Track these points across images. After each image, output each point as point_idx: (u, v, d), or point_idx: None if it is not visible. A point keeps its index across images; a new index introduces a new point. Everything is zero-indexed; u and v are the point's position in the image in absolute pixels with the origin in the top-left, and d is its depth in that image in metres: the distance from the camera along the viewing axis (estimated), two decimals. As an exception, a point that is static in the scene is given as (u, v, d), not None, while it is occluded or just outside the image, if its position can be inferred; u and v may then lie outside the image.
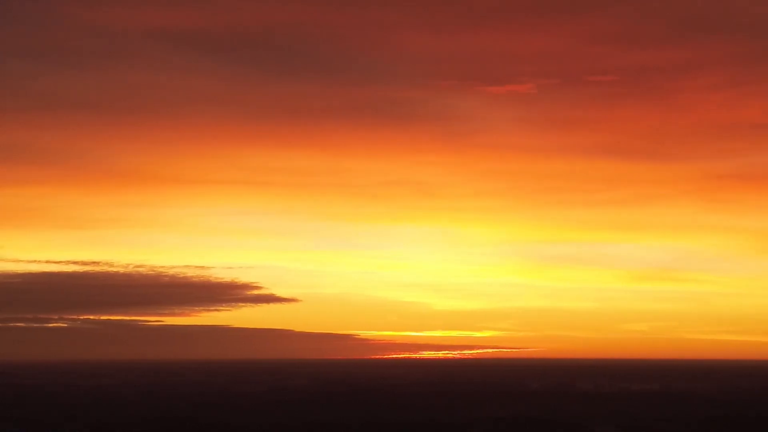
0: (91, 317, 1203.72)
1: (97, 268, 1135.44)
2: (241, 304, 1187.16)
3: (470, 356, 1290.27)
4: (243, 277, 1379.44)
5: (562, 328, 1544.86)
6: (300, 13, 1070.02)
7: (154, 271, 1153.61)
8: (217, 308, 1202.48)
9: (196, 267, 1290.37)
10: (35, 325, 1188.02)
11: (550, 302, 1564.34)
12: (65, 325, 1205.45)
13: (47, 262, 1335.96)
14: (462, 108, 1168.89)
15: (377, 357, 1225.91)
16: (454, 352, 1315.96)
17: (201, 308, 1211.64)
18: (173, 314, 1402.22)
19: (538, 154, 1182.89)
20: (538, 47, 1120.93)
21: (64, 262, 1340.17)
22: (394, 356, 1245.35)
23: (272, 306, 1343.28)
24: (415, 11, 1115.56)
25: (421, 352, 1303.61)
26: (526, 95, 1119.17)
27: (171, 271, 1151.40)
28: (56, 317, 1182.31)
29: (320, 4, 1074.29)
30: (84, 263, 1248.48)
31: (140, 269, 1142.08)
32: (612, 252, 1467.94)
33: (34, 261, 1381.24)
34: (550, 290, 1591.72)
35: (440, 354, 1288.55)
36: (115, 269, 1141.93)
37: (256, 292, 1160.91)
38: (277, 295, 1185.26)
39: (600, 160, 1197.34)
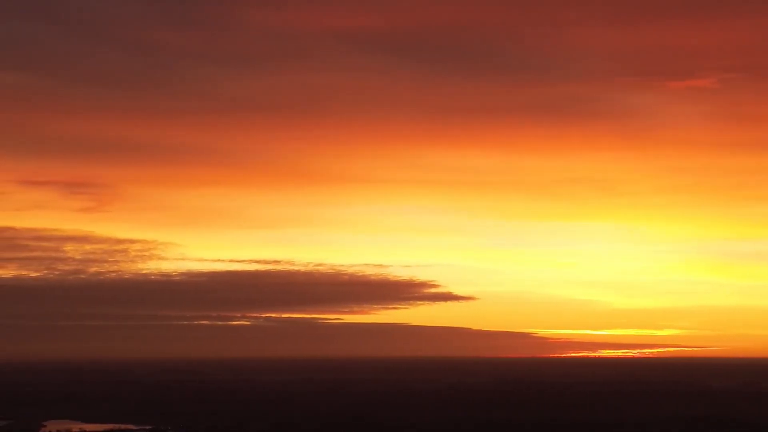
0: (273, 315, 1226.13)
1: (278, 267, 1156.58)
2: (418, 302, 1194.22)
3: (650, 355, 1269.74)
4: (421, 276, 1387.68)
5: (749, 326, 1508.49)
6: (479, 13, 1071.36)
7: (333, 269, 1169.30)
8: (395, 306, 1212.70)
9: (375, 265, 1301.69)
10: (219, 323, 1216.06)
11: (736, 300, 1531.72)
12: (248, 323, 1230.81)
13: (231, 261, 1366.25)
14: (642, 104, 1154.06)
15: (555, 356, 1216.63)
16: (634, 351, 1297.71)
17: (379, 306, 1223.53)
18: (352, 312, 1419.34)
19: (723, 150, 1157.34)
20: (720, 41, 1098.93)
21: (246, 261, 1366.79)
22: (573, 355, 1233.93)
23: (450, 304, 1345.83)
24: (594, 8, 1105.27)
25: (599, 351, 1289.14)
26: (708, 90, 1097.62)
27: (350, 270, 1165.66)
28: (239, 315, 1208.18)
29: (500, 4, 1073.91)
30: (266, 262, 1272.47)
31: (320, 268, 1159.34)
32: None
33: (219, 260, 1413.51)
34: (736, 288, 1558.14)
35: (619, 353, 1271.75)
36: (295, 268, 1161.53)
37: (433, 290, 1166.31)
38: (455, 293, 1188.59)
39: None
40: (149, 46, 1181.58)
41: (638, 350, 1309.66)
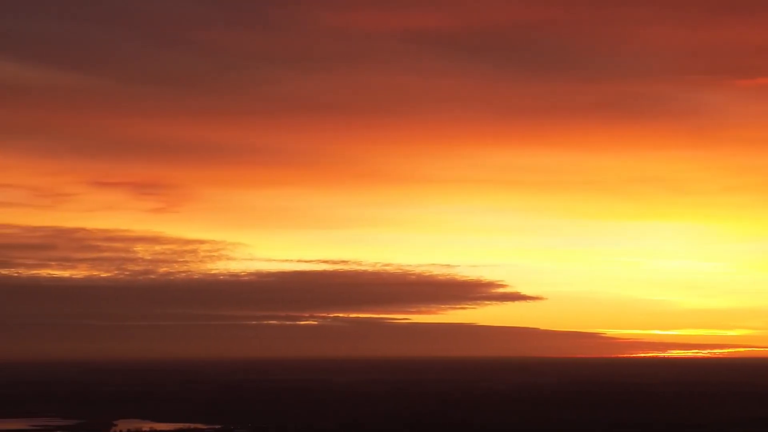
0: (341, 315, 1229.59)
1: (346, 267, 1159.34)
2: (486, 302, 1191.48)
3: (721, 355, 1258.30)
4: (488, 276, 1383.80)
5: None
6: (548, 12, 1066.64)
7: (401, 269, 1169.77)
8: (463, 306, 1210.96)
9: (442, 265, 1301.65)
10: (287, 323, 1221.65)
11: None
12: (316, 323, 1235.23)
13: (299, 261, 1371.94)
14: (711, 102, 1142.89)
15: (624, 356, 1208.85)
16: (704, 351, 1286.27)
17: (447, 306, 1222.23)
18: (419, 312, 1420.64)
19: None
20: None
21: (314, 261, 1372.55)
22: (641, 355, 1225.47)
23: (517, 304, 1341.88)
24: (663, 6, 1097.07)
25: (669, 351, 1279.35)
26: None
27: (417, 270, 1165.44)
28: (307, 315, 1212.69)
29: (567, 3, 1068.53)
30: (334, 262, 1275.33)
31: (387, 268, 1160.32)
32: None
33: (287, 260, 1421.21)
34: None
35: (689, 353, 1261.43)
36: (363, 268, 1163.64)
37: (501, 290, 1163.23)
38: (523, 293, 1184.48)
39: None
40: (217, 48, 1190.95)
41: (708, 350, 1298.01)
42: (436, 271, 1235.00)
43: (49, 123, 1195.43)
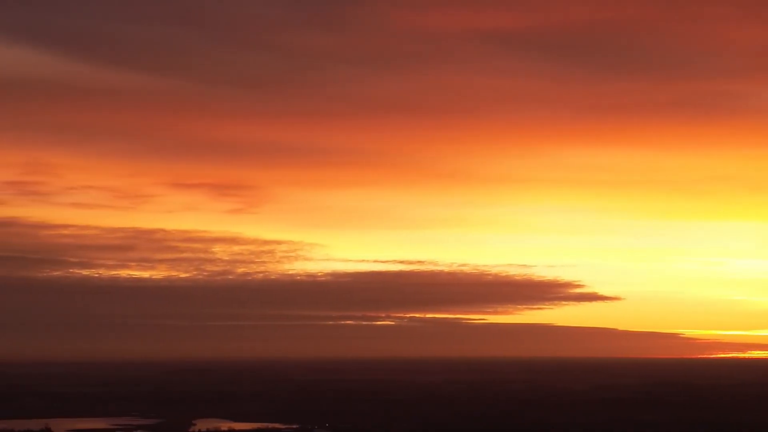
0: (417, 315, 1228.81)
1: (422, 268, 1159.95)
2: (563, 302, 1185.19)
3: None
4: (565, 276, 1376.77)
5: None
6: (622, 10, 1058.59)
7: (477, 269, 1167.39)
8: (540, 306, 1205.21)
9: (519, 265, 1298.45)
10: (364, 323, 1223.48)
11: None
12: (392, 323, 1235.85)
13: (375, 261, 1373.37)
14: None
15: (703, 356, 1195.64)
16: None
17: (523, 306, 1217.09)
18: (496, 312, 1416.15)
19: None
20: None
21: (391, 261, 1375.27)
22: (721, 356, 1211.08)
23: (595, 304, 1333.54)
24: (739, 4, 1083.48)
25: (749, 352, 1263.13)
26: None
27: (494, 270, 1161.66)
28: (383, 315, 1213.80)
29: (641, 1, 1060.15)
30: (410, 262, 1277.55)
31: (464, 268, 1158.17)
32: None
33: (363, 260, 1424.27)
34: None
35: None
36: (439, 268, 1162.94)
37: (578, 290, 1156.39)
38: (600, 293, 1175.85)
39: None
40: (295, 49, 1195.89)
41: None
42: (513, 272, 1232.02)
43: (128, 125, 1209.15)
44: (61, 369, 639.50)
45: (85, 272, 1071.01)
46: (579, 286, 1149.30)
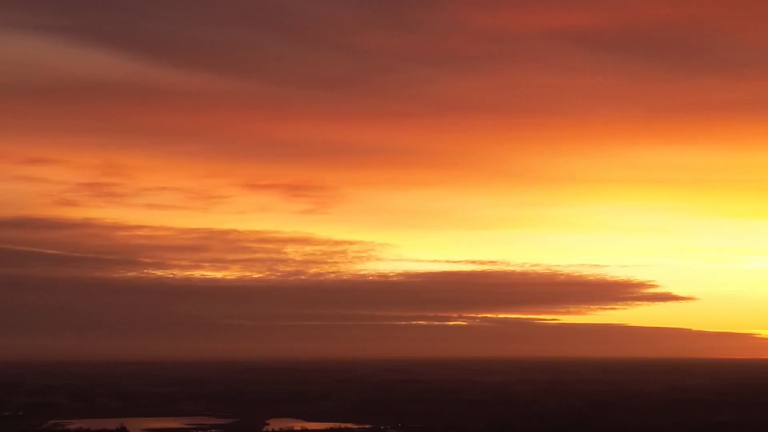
0: (489, 315, 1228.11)
1: (494, 268, 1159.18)
2: (637, 302, 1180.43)
3: None
4: (639, 276, 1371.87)
5: None
6: (697, 8, 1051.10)
7: (549, 270, 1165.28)
8: (613, 306, 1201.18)
9: (592, 265, 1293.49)
10: (436, 323, 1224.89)
11: None
12: (464, 323, 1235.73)
13: (447, 261, 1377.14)
14: None
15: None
16: None
17: (596, 306, 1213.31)
18: (569, 312, 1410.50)
19: None
20: None
21: (462, 261, 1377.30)
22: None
23: (669, 304, 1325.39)
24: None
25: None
26: None
27: (566, 270, 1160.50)
28: (455, 315, 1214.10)
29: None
30: (482, 263, 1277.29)
31: (536, 268, 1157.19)
32: None
33: (435, 261, 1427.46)
34: None
35: None
36: (511, 268, 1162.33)
37: (652, 290, 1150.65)
38: (674, 293, 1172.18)
39: None
40: (369, 51, 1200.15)
41: None
42: (586, 272, 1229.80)
43: (202, 127, 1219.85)
44: (136, 368, 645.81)
45: (159, 273, 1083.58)
46: (653, 286, 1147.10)
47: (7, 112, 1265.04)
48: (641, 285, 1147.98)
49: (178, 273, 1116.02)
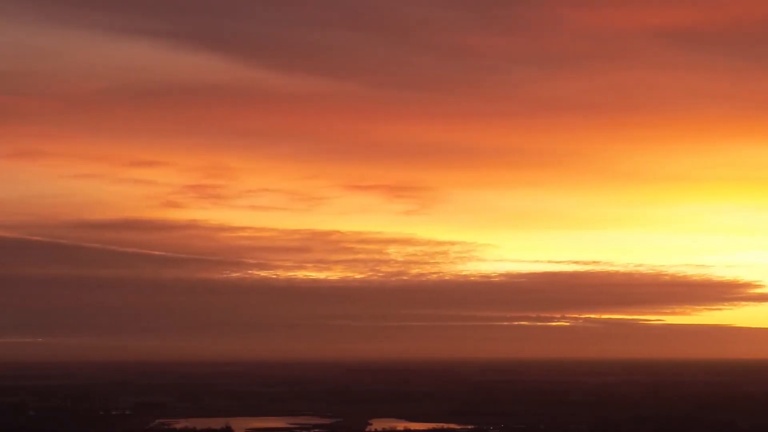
0: (592, 316, 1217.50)
1: (597, 268, 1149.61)
2: (743, 302, 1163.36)
3: None
4: (746, 276, 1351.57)
5: None
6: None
7: (654, 270, 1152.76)
8: (719, 307, 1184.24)
9: (697, 266, 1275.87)
10: (539, 323, 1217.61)
11: None
12: (567, 323, 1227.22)
13: (549, 262, 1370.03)
14: None
15: None
16: None
17: (702, 307, 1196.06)
18: (674, 313, 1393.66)
19: None
20: None
21: (565, 262, 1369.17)
22: None
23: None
24: None
25: None
26: None
27: (671, 270, 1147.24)
28: (559, 316, 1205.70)
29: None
30: (585, 263, 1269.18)
31: (640, 268, 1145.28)
32: None
33: (537, 261, 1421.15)
34: None
35: None
36: (615, 269, 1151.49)
37: (759, 290, 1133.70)
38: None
39: None
40: (468, 51, 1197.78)
41: None
42: (691, 272, 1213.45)
43: (304, 129, 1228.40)
44: (240, 368, 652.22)
45: (263, 273, 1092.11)
46: (759, 286, 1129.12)
47: (115, 116, 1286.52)
48: (747, 285, 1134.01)
49: (282, 274, 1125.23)
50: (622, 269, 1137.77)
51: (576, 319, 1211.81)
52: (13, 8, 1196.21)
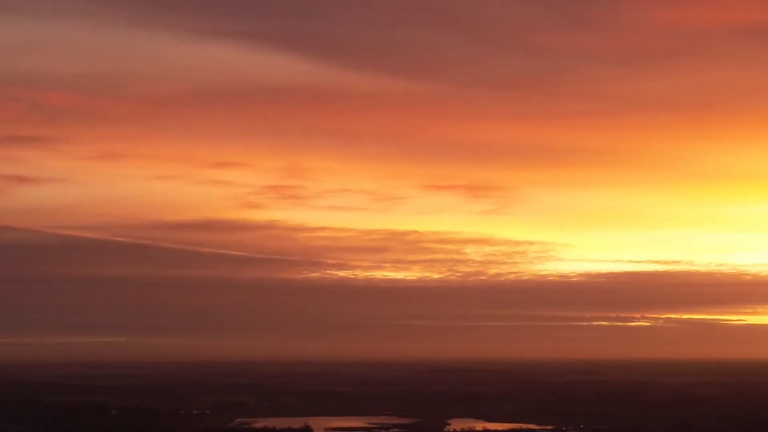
0: (673, 316, 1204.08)
1: (677, 268, 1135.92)
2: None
3: None
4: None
5: None
6: None
7: (735, 269, 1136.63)
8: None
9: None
10: (618, 324, 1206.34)
11: None
12: (647, 324, 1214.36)
13: (629, 261, 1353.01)
14: None
15: None
16: None
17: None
18: (756, 313, 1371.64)
19: None
20: None
21: (645, 261, 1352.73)
22: None
23: None
24: None
25: None
26: None
27: (753, 270, 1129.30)
28: (638, 316, 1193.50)
29: None
30: (665, 263, 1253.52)
31: (721, 268, 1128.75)
32: None
33: (617, 261, 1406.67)
34: None
35: None
36: (695, 268, 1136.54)
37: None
38: None
39: None
40: (547, 50, 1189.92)
41: None
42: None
43: (383, 129, 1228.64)
44: (318, 368, 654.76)
45: (341, 273, 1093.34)
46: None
47: (195, 118, 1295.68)
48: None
49: (360, 274, 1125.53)
50: (702, 269, 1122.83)
51: (656, 319, 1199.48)
52: (97, 11, 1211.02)
